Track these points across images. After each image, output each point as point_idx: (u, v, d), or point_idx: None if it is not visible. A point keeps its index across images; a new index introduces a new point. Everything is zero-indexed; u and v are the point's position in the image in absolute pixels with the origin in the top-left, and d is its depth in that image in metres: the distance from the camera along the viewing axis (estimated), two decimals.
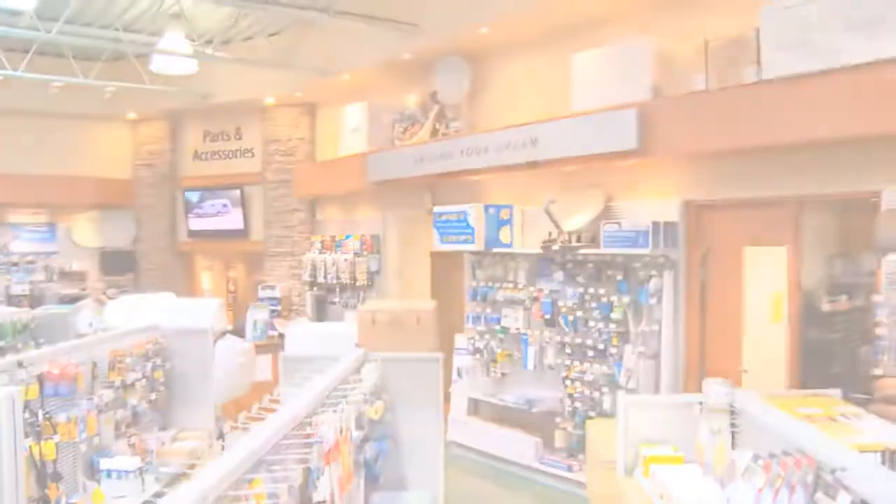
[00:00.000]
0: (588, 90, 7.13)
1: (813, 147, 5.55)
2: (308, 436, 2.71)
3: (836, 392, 3.49)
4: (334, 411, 2.99)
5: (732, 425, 3.35)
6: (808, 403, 3.26)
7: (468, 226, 8.02)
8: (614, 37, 7.14)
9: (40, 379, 3.91)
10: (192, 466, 4.75)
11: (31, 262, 12.96)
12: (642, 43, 6.82)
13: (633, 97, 6.59)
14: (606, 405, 6.81)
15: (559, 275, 7.36)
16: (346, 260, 10.71)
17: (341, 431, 2.92)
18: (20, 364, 3.84)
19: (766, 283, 6.31)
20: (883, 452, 2.38)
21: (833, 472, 2.30)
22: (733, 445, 3.27)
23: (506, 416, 8.06)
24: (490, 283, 8.14)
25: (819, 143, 5.43)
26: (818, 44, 5.31)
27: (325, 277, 11.06)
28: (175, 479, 4.69)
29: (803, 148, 5.61)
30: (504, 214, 8.03)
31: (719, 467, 3.22)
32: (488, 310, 8.16)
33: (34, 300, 11.88)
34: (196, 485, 2.01)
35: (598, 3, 7.08)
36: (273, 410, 2.97)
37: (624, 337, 6.79)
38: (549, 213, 7.19)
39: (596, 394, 7.00)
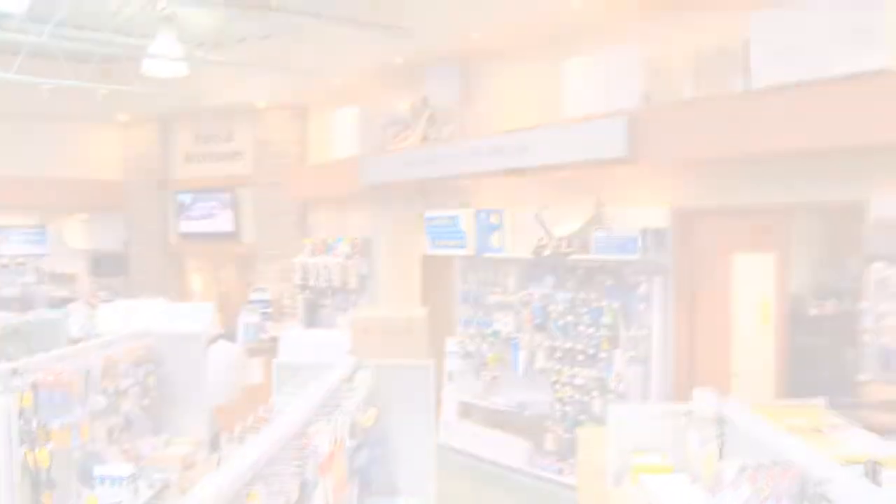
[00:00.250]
0: (579, 97, 7.19)
1: (801, 155, 5.62)
2: (304, 446, 2.74)
3: (822, 401, 3.54)
4: (328, 422, 3.02)
5: (721, 435, 3.39)
6: (795, 413, 3.31)
7: (459, 230, 8.06)
8: (605, 44, 7.19)
9: (35, 386, 3.92)
10: (185, 472, 4.78)
11: (22, 264, 12.90)
12: (633, 51, 6.88)
13: (623, 104, 6.65)
14: (596, 409, 6.87)
15: (550, 280, 7.41)
16: (337, 263, 10.71)
17: (335, 441, 2.95)
18: (15, 372, 3.85)
19: (755, 288, 6.38)
20: (866, 464, 2.43)
21: (817, 484, 2.34)
22: (721, 455, 3.32)
23: (497, 420, 8.10)
24: (481, 288, 8.17)
25: (807, 152, 5.50)
26: (807, 54, 5.38)
27: (316, 280, 11.05)
28: (168, 484, 4.71)
29: (792, 156, 5.68)
30: (495, 219, 8.06)
31: (708, 477, 3.26)
32: (479, 314, 8.20)
33: (24, 302, 11.82)
34: (193, 500, 2.04)
35: (589, 11, 7.13)
36: (268, 421, 3.00)
37: (614, 341, 6.84)
38: (540, 222, 7.25)
39: (586, 398, 7.05)
